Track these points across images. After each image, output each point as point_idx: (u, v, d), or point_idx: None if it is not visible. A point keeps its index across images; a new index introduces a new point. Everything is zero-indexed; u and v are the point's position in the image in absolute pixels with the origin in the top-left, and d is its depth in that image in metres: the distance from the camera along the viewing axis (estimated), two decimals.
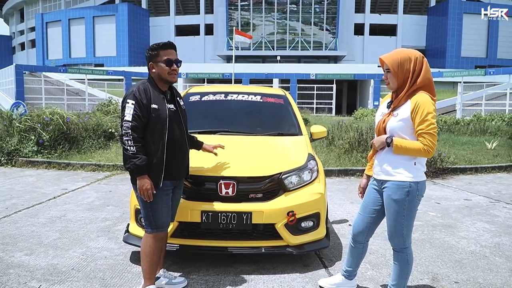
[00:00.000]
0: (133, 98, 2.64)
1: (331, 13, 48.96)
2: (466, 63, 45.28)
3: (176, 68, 2.77)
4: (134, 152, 2.58)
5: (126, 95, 2.70)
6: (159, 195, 2.69)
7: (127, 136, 2.58)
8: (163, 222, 2.76)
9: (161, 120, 2.69)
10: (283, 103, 4.73)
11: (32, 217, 4.70)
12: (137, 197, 2.76)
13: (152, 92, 2.71)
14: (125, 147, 2.59)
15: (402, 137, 2.49)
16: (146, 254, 2.73)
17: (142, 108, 2.63)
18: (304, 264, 3.46)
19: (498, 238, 4.23)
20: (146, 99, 2.66)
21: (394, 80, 2.53)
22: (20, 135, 8.39)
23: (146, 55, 2.80)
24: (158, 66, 2.74)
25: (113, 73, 29.62)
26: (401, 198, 2.49)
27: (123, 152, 2.65)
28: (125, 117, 2.61)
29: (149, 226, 2.73)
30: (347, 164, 7.88)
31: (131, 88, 2.74)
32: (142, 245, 2.76)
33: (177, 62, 2.77)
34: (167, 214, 2.78)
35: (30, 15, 61.87)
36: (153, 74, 2.78)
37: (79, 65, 45.98)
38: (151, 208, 2.70)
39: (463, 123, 14.81)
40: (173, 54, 2.76)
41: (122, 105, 2.70)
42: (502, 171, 8.14)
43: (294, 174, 3.40)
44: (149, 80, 2.80)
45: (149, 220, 2.72)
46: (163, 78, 2.76)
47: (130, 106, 2.62)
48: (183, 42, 51.86)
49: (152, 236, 2.73)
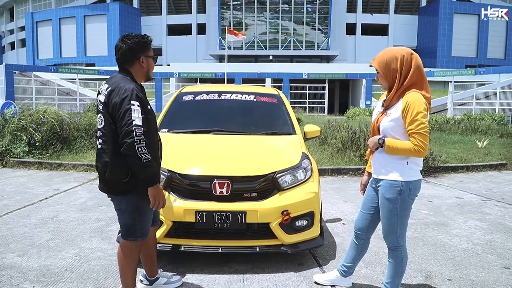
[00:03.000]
0: (137, 98, 2.34)
1: (323, 13, 49.07)
2: (457, 62, 45.63)
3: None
4: (149, 160, 2.31)
5: (124, 94, 2.34)
6: (148, 203, 2.47)
7: (140, 143, 2.27)
8: (148, 230, 2.62)
9: (153, 122, 2.51)
10: (277, 103, 4.75)
11: (24, 218, 4.65)
12: (123, 210, 2.51)
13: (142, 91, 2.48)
14: (138, 155, 2.28)
15: (394, 137, 2.49)
16: (130, 263, 2.58)
17: (146, 111, 2.38)
18: (299, 263, 3.46)
19: (490, 236, 4.28)
20: (145, 100, 2.43)
21: (384, 80, 2.54)
22: (11, 135, 8.31)
23: (132, 45, 2.45)
24: (148, 61, 2.53)
25: (104, 72, 29.37)
26: (393, 197, 2.51)
27: (131, 162, 2.33)
28: (135, 121, 2.28)
29: (133, 235, 2.53)
30: (340, 163, 7.91)
31: (125, 85, 2.38)
32: (124, 255, 2.56)
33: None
34: (150, 222, 2.65)
35: (20, 14, 61.18)
36: (139, 69, 2.50)
37: (70, 64, 45.61)
38: (139, 218, 2.52)
39: (454, 122, 14.95)
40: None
41: (123, 107, 2.32)
42: (492, 170, 8.23)
43: (288, 173, 3.40)
44: (129, 76, 2.49)
45: (135, 229, 2.53)
46: (149, 75, 2.57)
47: (136, 109, 2.31)
48: (175, 42, 51.74)
49: (137, 244, 2.57)
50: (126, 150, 2.30)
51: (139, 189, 2.44)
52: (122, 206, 2.52)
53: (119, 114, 2.33)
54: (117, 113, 2.34)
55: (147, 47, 2.52)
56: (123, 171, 2.41)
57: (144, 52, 2.50)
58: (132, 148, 2.28)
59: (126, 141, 2.29)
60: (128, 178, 2.42)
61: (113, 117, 2.37)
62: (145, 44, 2.50)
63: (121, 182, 2.43)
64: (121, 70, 2.53)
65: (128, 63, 2.50)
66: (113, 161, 2.42)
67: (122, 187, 2.45)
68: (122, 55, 2.48)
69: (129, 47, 2.45)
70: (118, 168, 2.42)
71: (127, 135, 2.28)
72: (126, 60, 2.49)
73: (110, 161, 2.44)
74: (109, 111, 2.39)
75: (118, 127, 2.34)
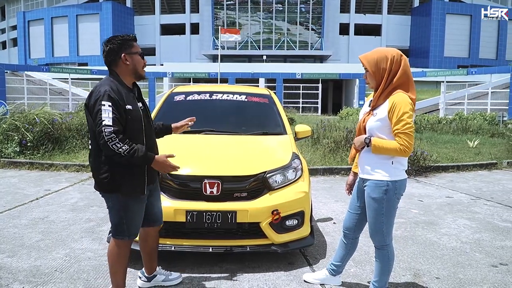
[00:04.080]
0: (108, 99, 2.33)
1: (316, 13, 49.24)
2: (449, 62, 46.00)
3: (146, 62, 2.63)
4: (129, 149, 2.32)
5: (98, 96, 2.35)
6: (137, 204, 2.54)
7: (112, 140, 2.28)
8: (136, 230, 2.63)
9: (136, 122, 2.48)
10: (268, 103, 4.76)
11: (14, 218, 4.63)
12: (110, 208, 2.56)
13: (123, 91, 2.45)
14: (116, 152, 2.29)
15: (380, 136, 2.52)
16: (116, 262, 2.58)
17: (120, 110, 2.37)
18: (289, 262, 3.49)
19: (479, 235, 4.33)
20: (121, 100, 2.40)
21: (372, 79, 2.58)
22: (2, 135, 8.25)
23: (111, 46, 2.47)
24: (133, 58, 2.51)
25: (97, 72, 29.25)
26: (379, 196, 2.53)
27: (116, 159, 2.34)
28: (104, 121, 2.29)
29: (120, 234, 2.55)
30: (332, 163, 7.95)
31: (100, 87, 2.40)
32: (112, 254, 2.59)
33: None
34: (140, 222, 2.64)
35: (11, 13, 60.67)
36: (124, 68, 2.50)
37: (62, 64, 45.32)
38: (127, 217, 2.53)
39: (446, 122, 15.06)
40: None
41: (93, 109, 2.35)
42: (483, 169, 8.32)
43: (278, 173, 3.42)
44: (114, 77, 2.50)
45: (122, 228, 2.54)
46: (137, 71, 2.54)
47: (107, 109, 2.31)
48: (168, 41, 51.61)
49: (124, 243, 2.58)
50: (104, 151, 2.35)
51: (124, 188, 2.46)
52: (109, 204, 2.56)
53: (93, 116, 2.37)
54: (92, 115, 2.39)
55: (129, 44, 2.52)
56: (104, 171, 2.44)
57: (125, 49, 2.50)
58: (107, 147, 2.31)
59: (100, 142, 2.32)
60: (109, 177, 2.44)
61: (93, 118, 2.40)
62: (126, 42, 2.51)
63: (104, 181, 2.46)
64: (109, 72, 2.55)
65: (113, 63, 2.52)
66: (94, 160, 2.48)
67: (106, 186, 2.48)
68: (106, 57, 2.51)
69: (110, 48, 2.49)
70: (99, 167, 2.46)
71: (99, 136, 2.31)
72: (110, 61, 2.51)
73: (92, 160, 2.50)
74: (90, 112, 2.42)
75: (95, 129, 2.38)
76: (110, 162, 2.41)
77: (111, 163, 2.42)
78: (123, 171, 2.44)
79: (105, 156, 2.39)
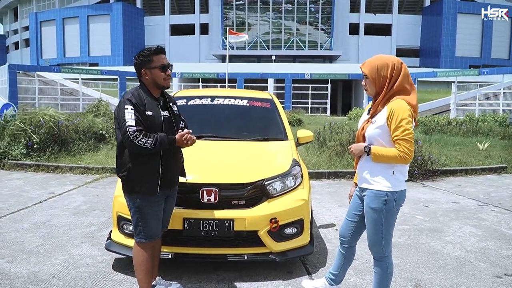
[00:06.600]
0: (130, 103, 2.57)
1: (326, 13, 49.03)
2: (461, 62, 45.46)
3: (170, 73, 2.76)
4: (153, 140, 2.52)
5: (121, 101, 2.62)
6: (150, 206, 2.66)
7: (137, 137, 2.48)
8: (153, 233, 2.72)
9: (156, 128, 2.63)
10: (270, 107, 4.71)
11: (16, 222, 4.65)
12: (129, 208, 2.72)
13: (146, 99, 2.65)
14: (143, 147, 2.50)
15: (382, 144, 2.47)
16: (139, 264, 2.72)
17: (141, 114, 2.57)
18: (288, 271, 3.44)
19: (484, 243, 4.23)
20: (142, 105, 2.60)
21: (372, 86, 2.53)
22: (9, 137, 8.32)
23: (135, 62, 2.71)
24: (152, 72, 2.68)
25: (107, 72, 29.53)
26: (379, 207, 2.48)
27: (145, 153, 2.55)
28: (127, 123, 2.51)
29: (138, 236, 2.71)
30: (338, 166, 7.86)
31: (124, 96, 2.66)
32: (134, 255, 2.75)
33: (169, 67, 2.76)
34: (157, 225, 2.74)
35: (24, 14, 61.53)
36: (146, 81, 2.71)
37: (73, 64, 45.84)
38: (141, 218, 2.67)
39: (456, 124, 14.85)
40: (165, 59, 2.74)
41: (119, 114, 2.59)
42: (492, 173, 8.15)
43: (277, 180, 3.37)
44: (141, 87, 2.73)
45: (139, 230, 2.70)
46: (158, 84, 2.70)
47: (129, 112, 2.54)
48: (178, 42, 51.85)
49: (143, 246, 2.71)
50: (133, 149, 2.53)
51: (137, 187, 2.63)
52: (129, 204, 2.72)
53: (119, 119, 2.59)
54: (118, 119, 2.62)
55: (148, 59, 2.67)
56: (122, 171, 2.66)
57: (145, 65, 2.67)
58: (134, 145, 2.50)
59: (126, 142, 2.52)
60: (125, 177, 2.65)
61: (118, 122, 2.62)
62: (146, 57, 2.67)
63: (123, 180, 2.67)
64: (139, 82, 2.79)
65: (139, 76, 2.75)
66: (116, 161, 2.75)
67: (124, 186, 2.69)
68: (135, 69, 2.76)
69: (135, 63, 2.73)
70: (119, 168, 2.70)
71: (125, 137, 2.52)
72: (137, 74, 2.75)
73: (116, 161, 2.76)
74: (115, 118, 2.68)
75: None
76: (127, 163, 2.62)
77: (128, 164, 2.62)
78: (137, 171, 2.61)
79: (132, 153, 2.58)
